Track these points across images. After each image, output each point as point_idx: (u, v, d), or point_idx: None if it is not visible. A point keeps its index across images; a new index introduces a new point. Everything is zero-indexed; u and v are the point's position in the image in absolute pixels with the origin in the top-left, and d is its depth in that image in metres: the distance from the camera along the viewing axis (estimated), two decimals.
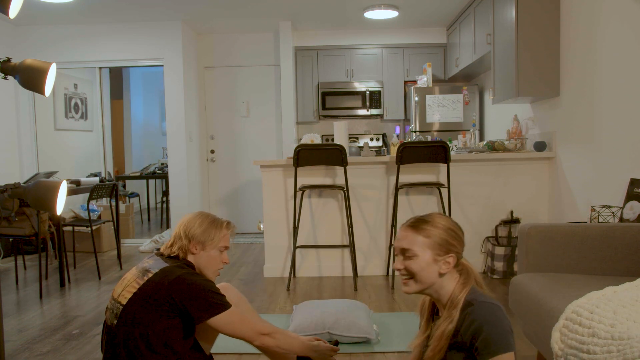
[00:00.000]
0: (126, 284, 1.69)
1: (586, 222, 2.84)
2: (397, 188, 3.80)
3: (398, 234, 1.50)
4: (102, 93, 6.12)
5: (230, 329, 1.69)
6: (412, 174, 4.05)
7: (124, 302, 1.64)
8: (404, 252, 1.46)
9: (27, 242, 4.99)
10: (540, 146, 3.92)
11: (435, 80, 6.00)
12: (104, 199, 5.41)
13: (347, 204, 3.81)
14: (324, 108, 6.06)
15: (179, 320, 1.66)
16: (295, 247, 3.85)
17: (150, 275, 1.66)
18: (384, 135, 6.23)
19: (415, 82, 5.95)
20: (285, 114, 5.90)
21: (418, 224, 1.47)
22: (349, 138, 6.19)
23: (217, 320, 1.66)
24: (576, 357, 1.44)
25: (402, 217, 4.06)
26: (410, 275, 1.45)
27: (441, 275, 1.45)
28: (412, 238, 1.45)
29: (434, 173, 4.08)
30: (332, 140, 6.05)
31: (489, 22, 4.36)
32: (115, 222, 4.64)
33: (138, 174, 6.66)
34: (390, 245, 3.97)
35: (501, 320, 1.34)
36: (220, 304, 1.67)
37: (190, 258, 1.78)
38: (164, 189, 7.23)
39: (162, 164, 6.81)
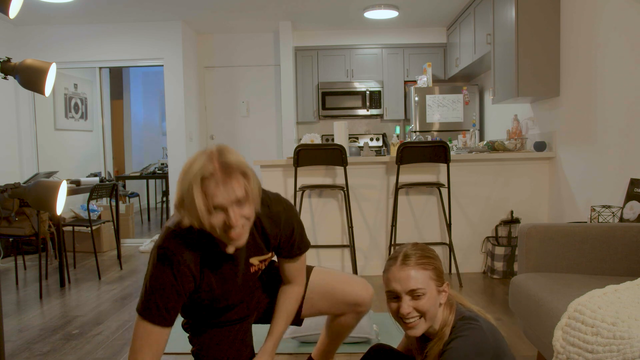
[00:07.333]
0: None
1: (586, 222, 2.84)
2: (397, 188, 3.80)
3: (395, 275, 1.38)
4: (102, 93, 6.12)
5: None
6: (412, 174, 4.05)
7: None
8: (412, 292, 1.35)
9: (27, 242, 4.98)
10: (540, 146, 3.92)
11: (435, 80, 6.00)
12: (104, 199, 5.41)
13: (347, 204, 3.81)
14: (324, 108, 6.06)
15: None
16: None
17: None
18: (384, 135, 6.23)
19: (415, 82, 5.95)
20: (285, 114, 5.89)
21: (412, 259, 1.38)
22: (349, 138, 6.18)
23: None
24: (579, 355, 1.44)
25: (402, 217, 4.06)
26: (421, 314, 1.36)
27: (440, 305, 1.40)
28: (415, 275, 1.35)
29: (434, 173, 4.08)
30: (332, 140, 6.04)
31: (489, 22, 4.36)
32: (115, 222, 4.64)
33: (138, 174, 6.66)
34: (390, 245, 3.97)
35: (474, 339, 1.31)
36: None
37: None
38: (164, 189, 7.23)
39: (162, 164, 6.81)
